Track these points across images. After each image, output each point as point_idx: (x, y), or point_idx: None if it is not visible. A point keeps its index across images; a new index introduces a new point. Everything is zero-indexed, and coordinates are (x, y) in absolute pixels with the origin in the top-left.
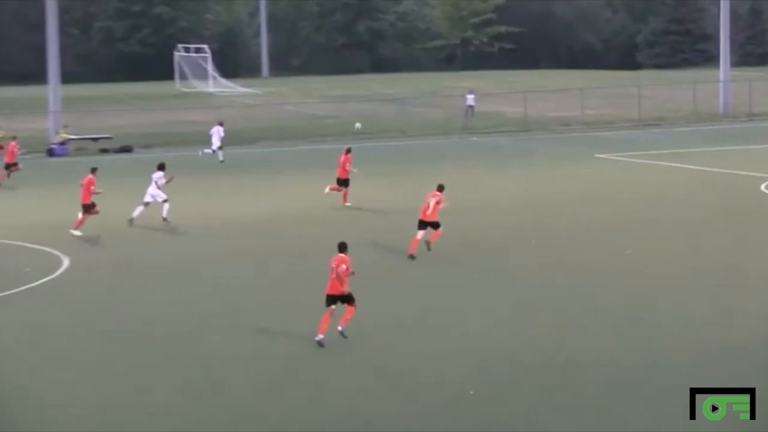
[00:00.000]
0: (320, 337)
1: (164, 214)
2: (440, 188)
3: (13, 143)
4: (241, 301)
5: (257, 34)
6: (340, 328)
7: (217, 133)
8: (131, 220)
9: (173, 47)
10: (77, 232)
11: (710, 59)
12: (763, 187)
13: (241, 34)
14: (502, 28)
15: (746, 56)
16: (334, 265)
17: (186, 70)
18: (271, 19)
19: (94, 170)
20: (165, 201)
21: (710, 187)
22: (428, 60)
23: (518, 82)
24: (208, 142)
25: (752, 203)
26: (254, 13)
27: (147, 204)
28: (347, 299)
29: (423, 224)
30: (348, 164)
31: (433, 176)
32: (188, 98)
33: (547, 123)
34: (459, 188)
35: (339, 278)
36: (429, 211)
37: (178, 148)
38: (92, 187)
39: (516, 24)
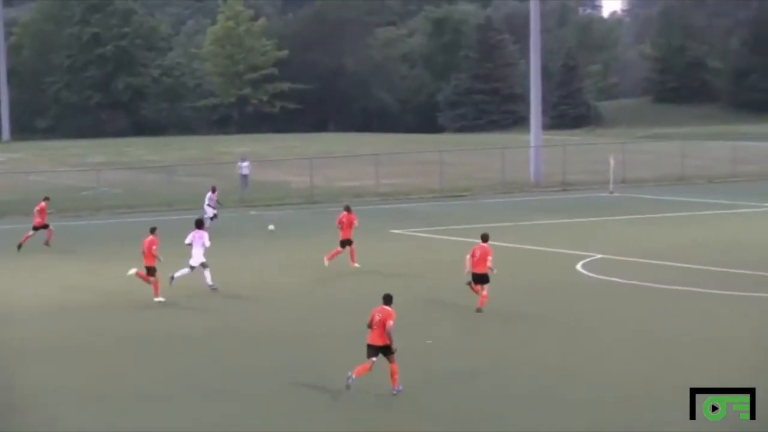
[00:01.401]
0: (351, 377)
1: (208, 281)
2: (484, 238)
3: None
4: None
5: None
6: (394, 391)
7: (209, 200)
8: (213, 288)
9: None
10: (161, 299)
11: (520, 121)
12: (579, 266)
13: None
14: (285, 86)
15: (560, 118)
16: (377, 318)
17: None
18: (12, 74)
19: (153, 230)
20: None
21: (521, 267)
22: (199, 122)
23: (304, 146)
24: None
25: (569, 285)
26: None
27: (204, 265)
28: (388, 351)
29: (477, 277)
30: (355, 221)
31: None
32: None
33: (337, 194)
34: (227, 271)
35: (389, 336)
36: (476, 258)
37: None
38: (153, 248)
39: (301, 81)
